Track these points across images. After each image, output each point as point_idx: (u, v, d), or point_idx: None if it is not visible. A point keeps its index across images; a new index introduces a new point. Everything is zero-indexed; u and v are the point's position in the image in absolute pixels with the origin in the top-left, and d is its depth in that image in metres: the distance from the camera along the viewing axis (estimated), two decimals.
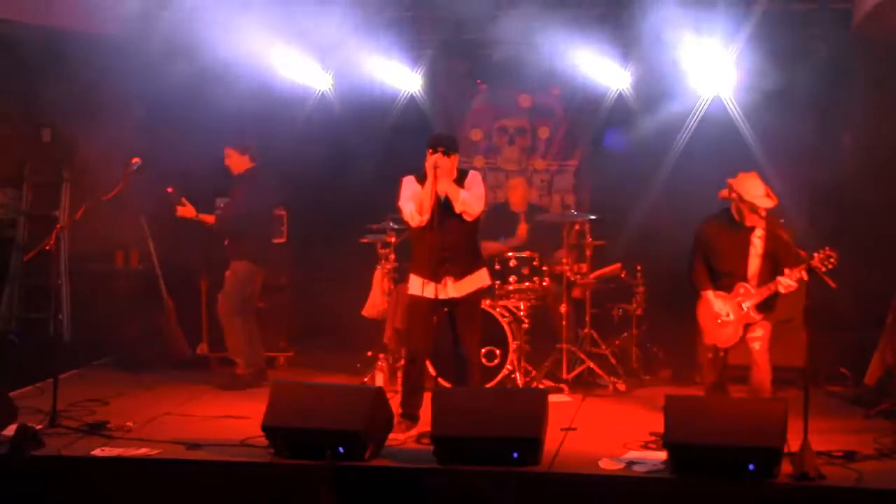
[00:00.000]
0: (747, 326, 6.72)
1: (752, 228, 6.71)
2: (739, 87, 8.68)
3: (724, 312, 6.76)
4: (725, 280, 6.79)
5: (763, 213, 6.66)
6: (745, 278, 6.71)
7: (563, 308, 8.24)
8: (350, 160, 9.11)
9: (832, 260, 6.23)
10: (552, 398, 6.52)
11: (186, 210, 8.03)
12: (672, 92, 8.86)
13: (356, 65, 9.24)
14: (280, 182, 8.31)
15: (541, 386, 7.87)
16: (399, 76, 9.38)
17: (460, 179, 6.76)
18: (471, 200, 6.66)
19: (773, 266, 6.68)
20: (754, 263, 6.70)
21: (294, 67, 9.23)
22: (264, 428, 6.07)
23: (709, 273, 6.84)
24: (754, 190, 6.64)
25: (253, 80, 8.82)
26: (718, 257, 6.82)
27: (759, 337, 6.70)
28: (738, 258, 6.73)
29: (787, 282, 6.52)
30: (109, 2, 8.11)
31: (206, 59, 8.33)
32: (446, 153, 6.66)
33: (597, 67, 9.00)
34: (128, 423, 6.74)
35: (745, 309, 6.69)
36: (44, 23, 8.21)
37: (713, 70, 8.62)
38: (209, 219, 8.13)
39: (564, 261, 8.30)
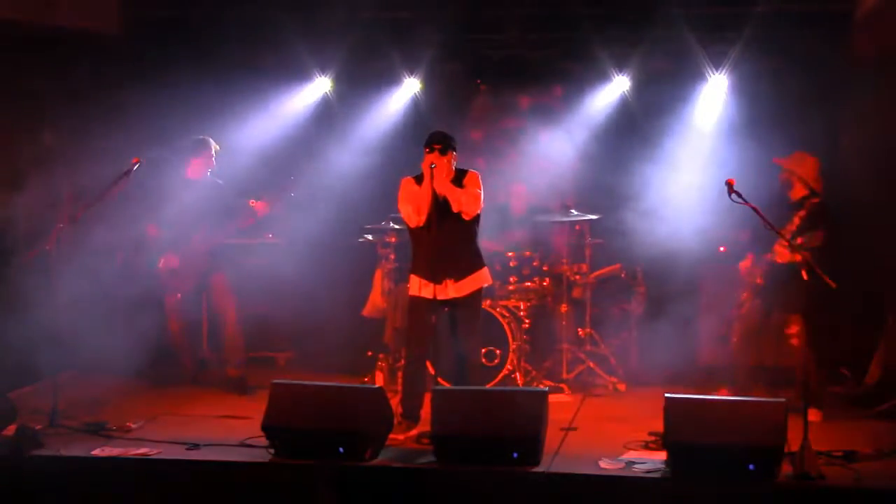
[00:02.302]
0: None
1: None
2: (738, 89, 8.68)
3: None
4: None
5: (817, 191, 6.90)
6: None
7: (563, 308, 8.25)
8: (350, 161, 9.10)
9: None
10: (552, 398, 6.52)
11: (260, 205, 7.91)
12: (672, 93, 8.87)
13: (356, 66, 9.24)
14: None
15: (541, 386, 7.87)
16: (399, 77, 9.38)
17: (459, 179, 6.75)
18: (468, 200, 6.65)
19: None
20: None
21: (292, 68, 9.23)
22: (264, 428, 6.08)
23: None
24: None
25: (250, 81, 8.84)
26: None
27: (795, 333, 6.95)
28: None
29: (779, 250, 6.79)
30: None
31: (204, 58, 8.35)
32: (442, 152, 6.66)
33: (598, 68, 9.00)
34: (128, 423, 6.75)
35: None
36: (45, 22, 8.20)
37: (712, 71, 8.63)
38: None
39: (564, 261, 8.32)
